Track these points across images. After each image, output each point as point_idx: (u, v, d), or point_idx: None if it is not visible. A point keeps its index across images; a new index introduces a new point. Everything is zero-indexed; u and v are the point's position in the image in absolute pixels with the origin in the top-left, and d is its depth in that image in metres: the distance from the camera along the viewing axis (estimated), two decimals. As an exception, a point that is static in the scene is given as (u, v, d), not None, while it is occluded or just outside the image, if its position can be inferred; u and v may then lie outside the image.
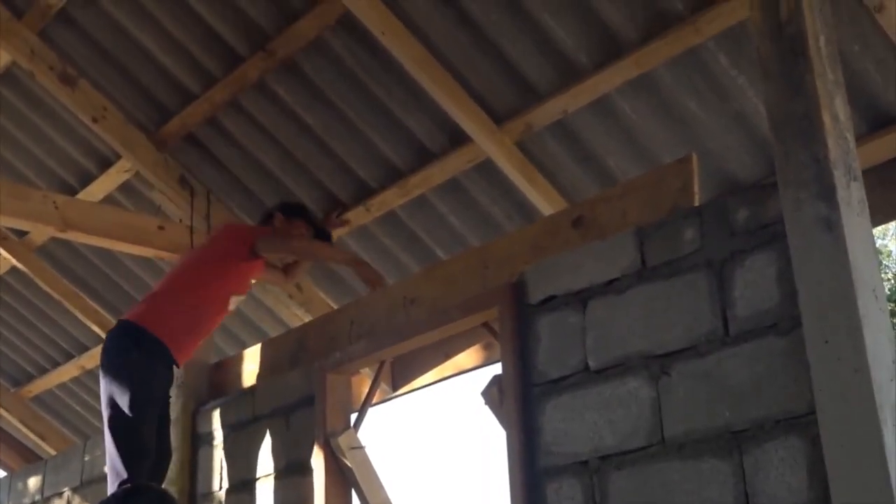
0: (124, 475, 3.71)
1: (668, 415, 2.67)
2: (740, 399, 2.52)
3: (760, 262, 2.57)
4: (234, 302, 4.17)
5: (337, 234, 4.89)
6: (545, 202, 4.20)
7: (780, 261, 2.52)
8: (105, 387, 3.88)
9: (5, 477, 6.25)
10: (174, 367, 4.01)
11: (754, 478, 2.45)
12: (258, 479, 4.12)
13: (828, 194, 2.38)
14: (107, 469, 3.85)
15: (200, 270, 4.13)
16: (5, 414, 7.65)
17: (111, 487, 3.75)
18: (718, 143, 3.88)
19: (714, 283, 2.66)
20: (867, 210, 2.45)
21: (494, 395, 3.29)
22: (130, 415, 3.80)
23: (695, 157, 3.03)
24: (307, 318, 5.15)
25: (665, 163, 3.62)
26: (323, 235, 4.45)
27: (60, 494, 5.31)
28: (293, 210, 4.46)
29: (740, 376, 2.53)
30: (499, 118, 4.11)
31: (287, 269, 4.65)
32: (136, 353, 3.90)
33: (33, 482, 5.66)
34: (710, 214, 2.74)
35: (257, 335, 5.81)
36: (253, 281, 4.39)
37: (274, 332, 5.65)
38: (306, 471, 3.90)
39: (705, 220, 2.74)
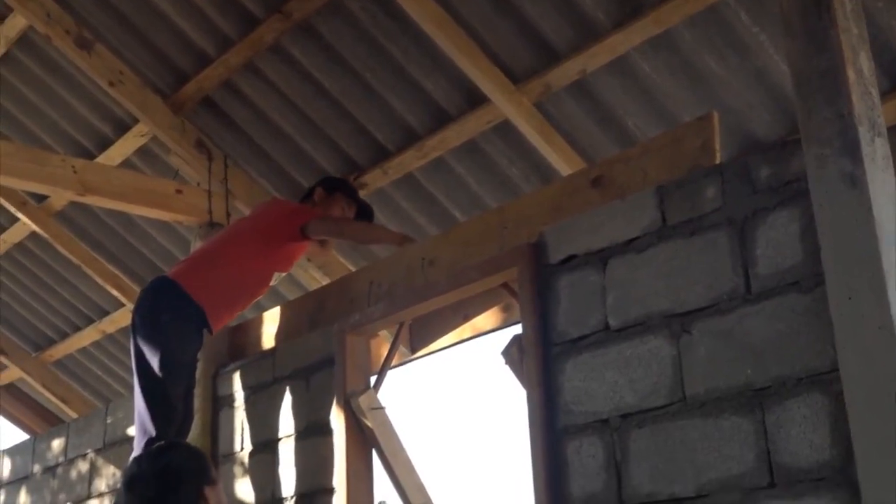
0: (153, 433, 3.74)
1: (689, 373, 2.67)
2: (762, 357, 2.51)
3: (783, 219, 2.55)
4: (275, 278, 4.18)
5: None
6: (563, 163, 4.19)
7: (802, 218, 2.50)
8: (137, 345, 3.88)
9: (29, 440, 6.31)
10: (206, 332, 4.02)
11: (776, 435, 2.45)
12: (279, 439, 4.15)
13: (852, 150, 2.35)
14: (135, 427, 3.89)
15: (247, 245, 4.10)
16: (28, 378, 7.74)
17: (138, 445, 3.79)
18: (739, 101, 3.85)
19: (736, 241, 2.65)
20: (892, 166, 2.43)
21: (514, 354, 3.29)
22: (161, 374, 3.82)
23: (716, 115, 3.01)
24: (325, 281, 5.16)
25: (685, 122, 3.59)
26: (365, 211, 4.43)
27: (84, 456, 5.37)
28: (334, 185, 4.44)
29: (762, 334, 2.52)
30: (517, 79, 4.09)
31: (323, 241, 4.66)
32: (172, 313, 3.89)
33: (57, 444, 5.72)
34: (731, 172, 2.72)
35: (276, 298, 5.83)
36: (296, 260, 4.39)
37: (292, 294, 5.67)
38: (327, 431, 3.92)
39: (727, 178, 2.72)
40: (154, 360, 3.83)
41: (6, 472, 6.24)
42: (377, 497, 3.89)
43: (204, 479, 2.40)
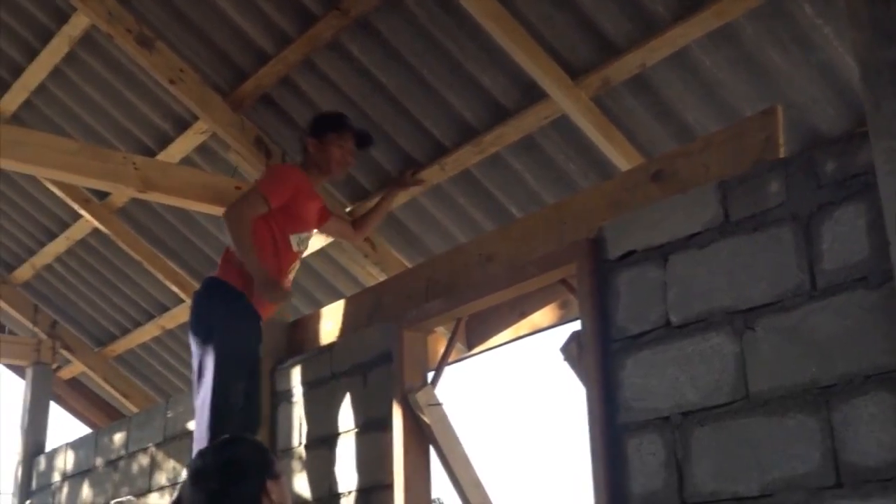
0: (210, 431, 3.78)
1: (752, 370, 2.63)
2: (828, 354, 2.47)
3: (849, 214, 2.50)
4: (298, 241, 4.09)
5: (411, 193, 4.89)
6: (622, 159, 4.15)
7: (870, 212, 2.45)
8: (193, 346, 3.95)
9: (91, 433, 6.42)
10: (259, 319, 4.04)
11: (843, 434, 2.40)
12: (337, 435, 4.17)
13: (922, 143, 2.30)
14: (195, 423, 3.93)
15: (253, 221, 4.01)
16: (90, 373, 7.87)
17: (199, 440, 3.83)
18: (801, 95, 3.78)
19: (801, 237, 2.60)
20: (963, 159, 2.37)
21: (573, 351, 3.27)
22: (218, 372, 3.86)
23: (780, 109, 2.96)
24: (381, 277, 5.18)
25: (747, 116, 3.54)
26: (363, 138, 4.27)
27: (145, 450, 5.44)
28: (320, 126, 4.22)
29: (828, 331, 2.48)
30: (575, 73, 4.06)
31: (356, 224, 4.66)
32: (224, 309, 3.93)
33: (118, 438, 5.81)
34: (796, 166, 2.67)
35: (332, 294, 5.86)
36: (313, 225, 4.23)
37: (348, 291, 5.69)
38: (384, 427, 3.93)
39: (791, 173, 2.67)
40: (210, 359, 3.87)
41: (69, 465, 6.35)
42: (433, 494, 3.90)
43: (267, 473, 2.41)
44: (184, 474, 4.84)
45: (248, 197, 4.00)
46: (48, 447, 6.90)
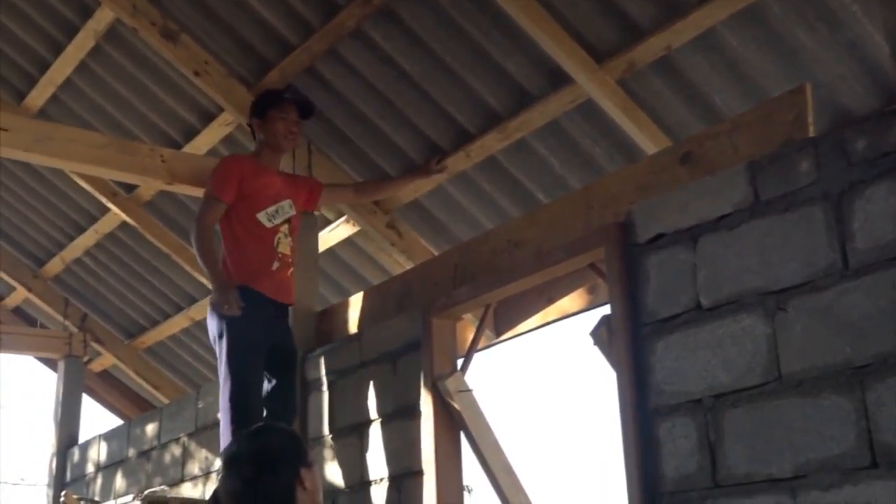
0: (231, 428, 3.90)
1: (785, 351, 2.61)
2: (862, 334, 2.45)
3: (882, 192, 2.48)
4: (267, 217, 4.18)
5: (435, 180, 4.89)
6: (649, 142, 4.12)
7: (902, 190, 2.43)
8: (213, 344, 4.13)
9: (124, 424, 6.48)
10: (269, 303, 4.11)
11: (877, 414, 2.38)
12: (367, 422, 4.18)
13: (955, 119, 2.27)
14: (220, 415, 3.99)
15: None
16: (121, 365, 7.93)
17: (223, 439, 3.90)
18: (829, 74, 3.74)
19: (832, 216, 2.58)
20: None
21: (604, 335, 3.26)
22: (228, 368, 4.00)
23: (808, 87, 2.93)
24: (408, 265, 5.18)
25: (776, 96, 3.50)
26: (304, 107, 4.42)
27: (177, 440, 5.48)
28: (259, 105, 4.41)
29: (862, 310, 2.46)
30: (600, 57, 4.03)
31: (360, 186, 4.78)
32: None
33: (150, 429, 5.85)
34: (826, 145, 2.65)
35: (359, 283, 5.87)
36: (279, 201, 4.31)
37: (375, 279, 5.71)
38: (414, 414, 3.94)
39: (821, 152, 2.65)
40: (222, 356, 4.02)
41: (103, 456, 6.42)
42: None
43: (301, 461, 2.42)
44: (216, 464, 4.88)
45: (204, 204, 4.24)
46: (81, 439, 6.97)
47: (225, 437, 3.95)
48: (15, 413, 23.46)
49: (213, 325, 4.10)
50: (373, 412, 4.18)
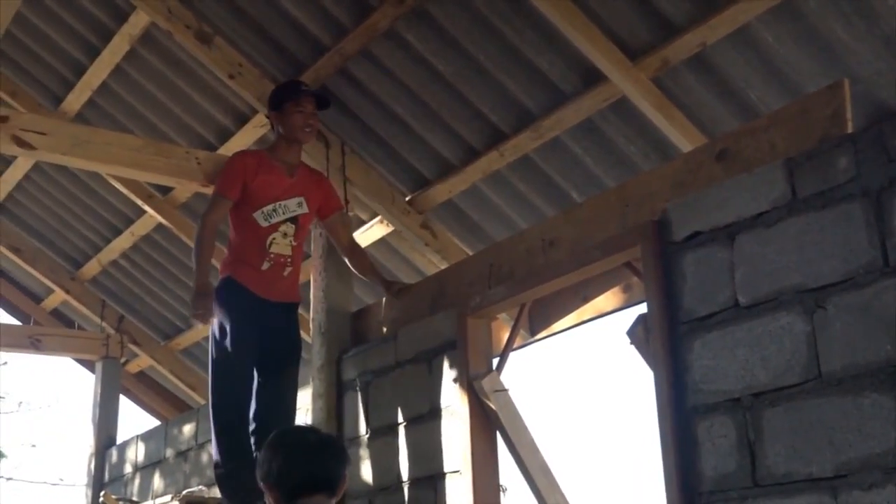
0: (214, 438, 4.10)
1: (824, 349, 2.59)
2: (903, 331, 2.42)
3: (922, 188, 2.45)
4: (263, 216, 4.23)
5: (470, 179, 4.89)
6: (684, 139, 4.10)
7: (944, 186, 2.40)
8: None
9: (161, 425, 6.53)
10: (259, 301, 4.17)
11: (920, 412, 2.36)
12: (403, 422, 4.19)
13: None
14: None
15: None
16: (157, 366, 8.00)
17: (213, 444, 4.13)
18: (867, 69, 3.70)
19: (871, 213, 2.55)
20: None
21: (640, 334, 3.25)
22: (213, 371, 4.17)
23: (847, 83, 2.90)
24: (443, 265, 5.18)
25: (813, 91, 3.47)
26: (321, 99, 4.46)
27: (213, 440, 5.51)
28: (275, 98, 4.47)
29: (903, 308, 2.43)
30: (634, 54, 4.01)
31: (353, 246, 4.65)
32: (218, 303, 4.15)
33: (187, 429, 5.90)
34: (865, 141, 2.62)
35: (395, 284, 5.87)
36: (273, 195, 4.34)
37: (409, 279, 5.70)
38: (450, 414, 3.94)
39: (860, 148, 2.62)
40: (211, 356, 4.22)
41: (140, 457, 6.47)
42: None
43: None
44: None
45: (210, 201, 4.33)
46: (119, 439, 7.04)
47: (213, 445, 4.14)
48: (54, 414, 23.73)
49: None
50: (408, 412, 4.18)
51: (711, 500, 2.79)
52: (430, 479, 4.00)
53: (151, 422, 8.26)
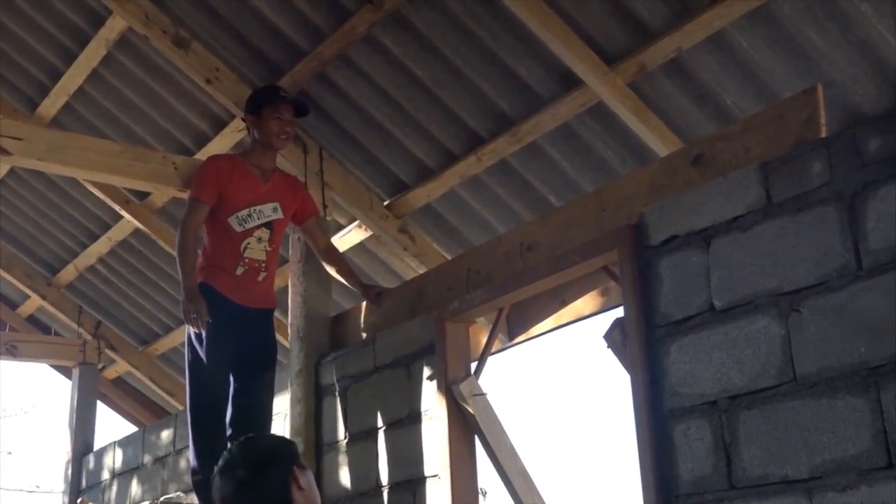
0: (191, 441, 4.10)
1: (799, 352, 2.61)
2: (876, 334, 2.44)
3: (894, 192, 2.48)
4: (238, 221, 4.19)
5: (448, 183, 4.90)
6: (661, 144, 4.12)
7: (916, 190, 2.42)
8: None
9: (139, 431, 6.50)
10: (233, 306, 4.15)
11: (893, 414, 2.38)
12: (382, 427, 4.19)
13: (968, 118, 2.27)
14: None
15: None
16: (135, 372, 7.96)
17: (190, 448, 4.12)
18: (841, 74, 3.74)
19: (845, 216, 2.58)
20: None
21: (617, 338, 3.26)
22: (189, 377, 4.16)
23: (820, 88, 2.93)
24: (421, 270, 5.19)
25: (787, 97, 3.50)
26: (299, 107, 4.41)
27: (191, 446, 5.49)
28: (254, 103, 4.41)
29: (876, 311, 2.45)
30: (611, 59, 4.04)
31: (330, 250, 4.63)
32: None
33: (165, 435, 5.87)
34: (839, 146, 2.64)
35: (373, 288, 5.87)
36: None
37: (388, 284, 5.71)
38: (429, 418, 3.95)
39: (834, 152, 2.65)
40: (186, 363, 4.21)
41: (118, 463, 6.44)
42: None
43: (293, 461, 2.45)
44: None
45: (187, 206, 4.28)
46: (96, 446, 7.00)
47: (190, 450, 4.15)
48: (30, 421, 23.55)
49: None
50: (387, 417, 4.18)
51: (688, 502, 2.81)
52: (410, 484, 4.01)
53: (129, 428, 8.22)
